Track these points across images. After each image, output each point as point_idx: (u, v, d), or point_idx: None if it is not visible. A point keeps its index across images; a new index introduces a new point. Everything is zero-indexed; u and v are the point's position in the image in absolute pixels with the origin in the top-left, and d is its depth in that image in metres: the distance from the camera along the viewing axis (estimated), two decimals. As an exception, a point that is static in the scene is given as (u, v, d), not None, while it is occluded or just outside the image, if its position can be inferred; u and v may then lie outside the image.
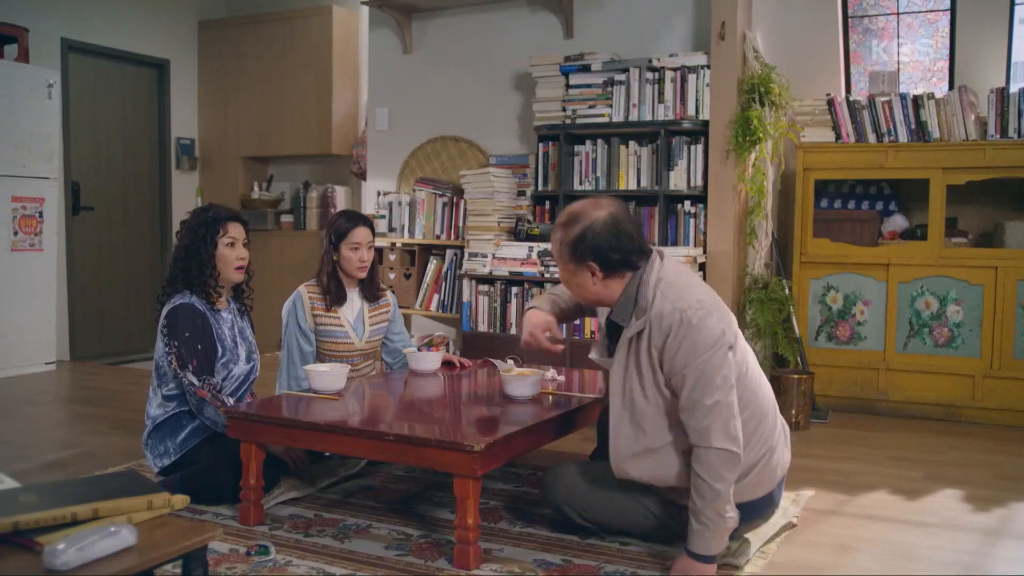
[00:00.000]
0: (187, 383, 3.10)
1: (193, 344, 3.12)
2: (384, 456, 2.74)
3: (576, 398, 3.17)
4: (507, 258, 4.61)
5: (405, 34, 5.36)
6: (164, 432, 3.22)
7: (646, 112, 4.53)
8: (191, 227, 3.27)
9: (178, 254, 3.25)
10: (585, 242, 2.55)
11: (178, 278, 3.22)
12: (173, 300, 3.21)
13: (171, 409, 3.21)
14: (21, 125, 5.60)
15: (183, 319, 3.14)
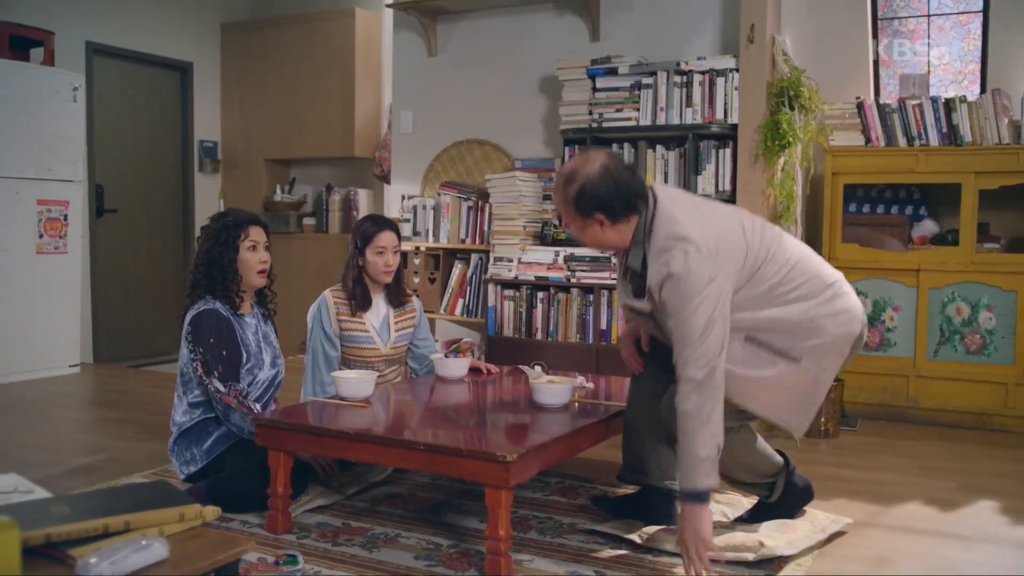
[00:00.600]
0: (213, 390, 3.08)
1: (218, 350, 3.10)
2: (414, 465, 2.71)
3: (605, 406, 3.13)
4: (533, 263, 4.58)
5: (430, 36, 5.33)
6: (190, 439, 3.20)
7: (674, 116, 4.48)
8: (212, 232, 3.25)
9: (200, 260, 3.23)
10: (586, 196, 2.63)
11: (201, 284, 3.20)
12: (196, 306, 3.19)
13: (197, 416, 3.19)
14: (46, 128, 5.61)
15: (207, 325, 3.12)
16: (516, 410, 3.12)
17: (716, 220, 2.67)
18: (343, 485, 3.32)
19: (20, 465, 3.75)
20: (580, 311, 4.49)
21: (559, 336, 4.54)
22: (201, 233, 3.29)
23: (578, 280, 4.48)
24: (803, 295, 2.73)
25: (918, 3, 5.02)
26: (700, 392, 2.52)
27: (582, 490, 3.41)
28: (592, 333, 4.46)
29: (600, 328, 4.44)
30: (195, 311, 3.17)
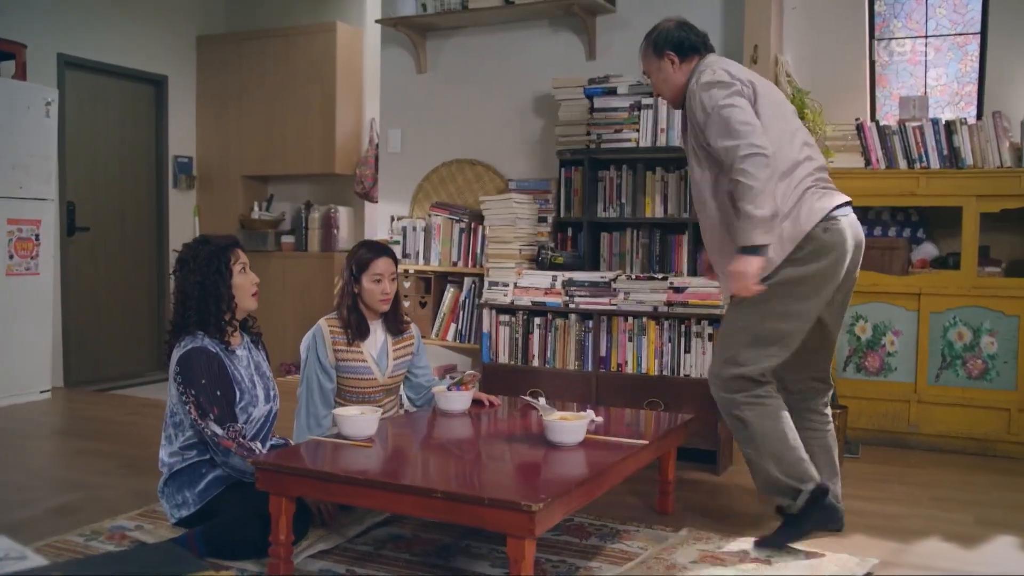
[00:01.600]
0: (210, 434, 2.90)
1: (211, 391, 2.92)
2: (430, 514, 2.56)
3: (624, 444, 3.01)
4: (529, 287, 4.45)
5: (419, 53, 5.19)
6: (181, 481, 3.02)
7: (675, 137, 4.38)
8: (202, 261, 3.04)
9: (190, 292, 3.02)
10: (660, 36, 3.28)
11: (191, 320, 3.01)
12: (183, 344, 3.00)
13: (191, 458, 3.01)
14: (18, 145, 5.39)
15: (198, 365, 2.93)
16: (529, 449, 2.97)
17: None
18: (343, 527, 3.16)
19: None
20: (579, 337, 4.37)
21: (557, 363, 4.41)
22: (181, 265, 3.06)
23: (577, 306, 4.35)
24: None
25: (915, 24, 4.97)
26: (751, 163, 2.90)
27: (592, 529, 3.27)
28: (591, 360, 4.34)
29: (600, 355, 4.32)
30: (182, 350, 2.97)
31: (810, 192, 3.06)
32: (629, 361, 4.29)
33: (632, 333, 4.28)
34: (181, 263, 3.06)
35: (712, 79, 3.06)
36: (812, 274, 3.04)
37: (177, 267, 3.08)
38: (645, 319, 4.25)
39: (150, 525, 3.28)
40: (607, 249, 4.62)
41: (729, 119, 2.97)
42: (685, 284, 4.19)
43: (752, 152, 2.90)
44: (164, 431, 3.07)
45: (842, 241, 3.07)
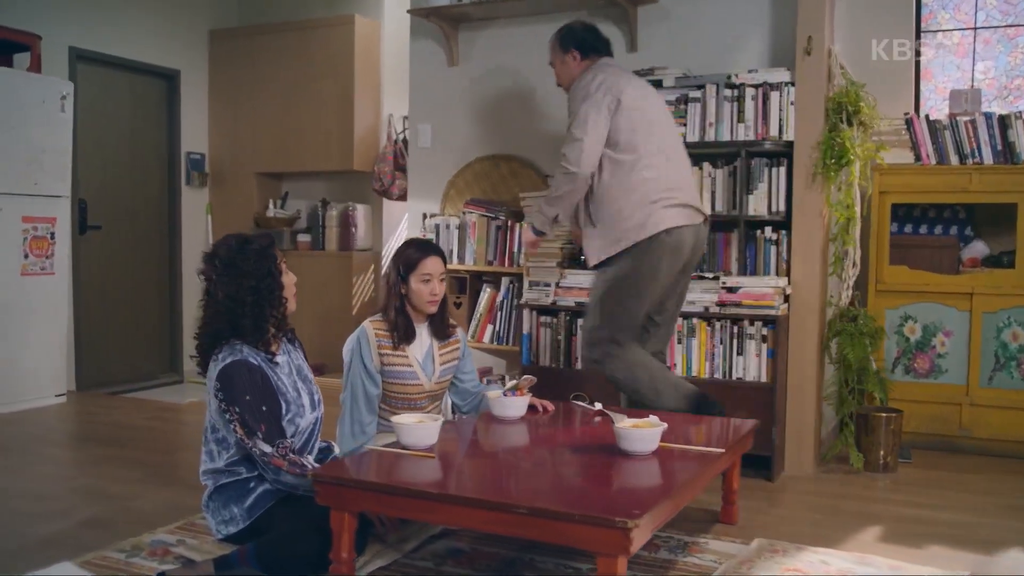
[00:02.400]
0: (259, 453, 2.70)
1: (257, 407, 2.72)
2: (510, 530, 2.40)
3: (702, 453, 2.85)
4: (573, 287, 4.28)
5: (451, 45, 5.02)
6: (228, 496, 2.83)
7: (724, 131, 4.22)
8: (251, 263, 2.82)
9: (242, 298, 2.79)
10: (568, 33, 3.83)
11: (244, 327, 2.79)
12: (222, 357, 2.78)
13: (236, 475, 2.82)
14: (33, 140, 5.19)
15: (239, 380, 2.73)
16: (602, 459, 2.81)
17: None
18: (400, 541, 3.00)
19: (21, 518, 3.38)
20: (625, 339, 4.20)
21: (603, 366, 4.25)
22: (228, 269, 2.80)
23: (623, 306, 4.19)
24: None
25: (964, 16, 4.82)
26: (567, 178, 3.58)
27: (659, 542, 3.12)
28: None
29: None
30: (220, 364, 2.76)
31: (655, 206, 3.57)
32: (679, 364, 4.13)
33: (681, 335, 4.12)
34: (227, 266, 2.81)
35: (587, 82, 3.63)
36: (647, 268, 3.60)
37: (219, 270, 2.81)
38: (695, 320, 4.10)
39: (193, 540, 3.10)
40: (651, 247, 4.45)
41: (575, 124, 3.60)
42: (738, 284, 4.03)
43: (566, 168, 3.59)
44: (204, 446, 2.88)
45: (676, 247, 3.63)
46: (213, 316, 2.79)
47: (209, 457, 2.84)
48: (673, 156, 3.71)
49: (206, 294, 2.83)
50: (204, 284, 2.85)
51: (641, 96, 3.68)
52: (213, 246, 2.88)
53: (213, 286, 2.80)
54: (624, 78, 3.69)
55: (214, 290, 2.80)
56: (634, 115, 3.59)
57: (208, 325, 2.80)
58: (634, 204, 3.57)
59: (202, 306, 2.86)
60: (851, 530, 3.34)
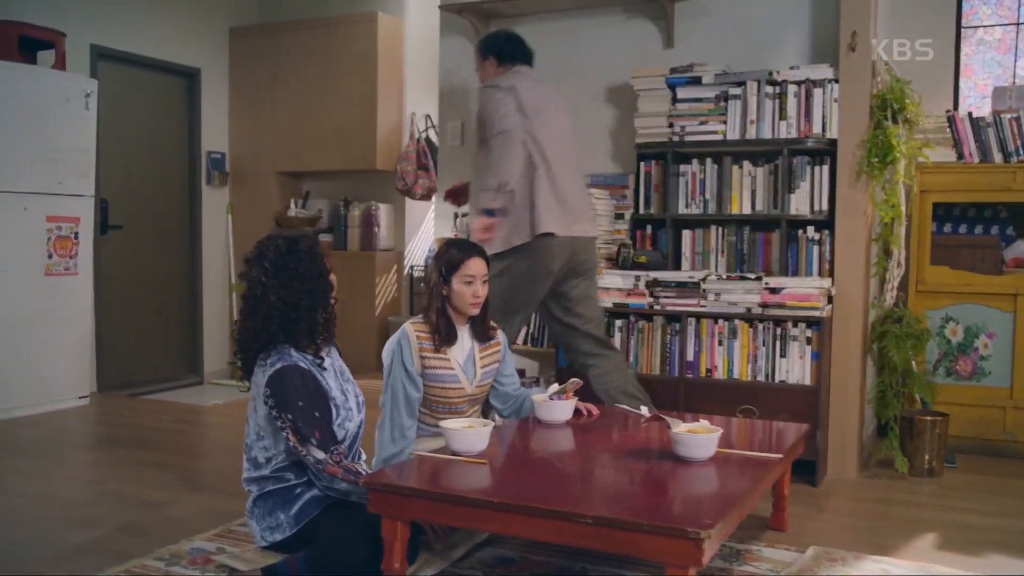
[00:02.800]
0: (313, 461, 2.60)
1: (310, 413, 2.62)
2: (573, 540, 2.31)
3: (761, 459, 2.77)
4: (610, 288, 4.20)
5: (482, 42, 4.93)
6: (274, 503, 2.74)
7: (765, 129, 4.14)
8: (304, 263, 2.74)
9: (293, 301, 2.70)
10: (488, 41, 4.03)
11: (286, 331, 2.70)
12: (271, 362, 2.68)
13: (283, 481, 2.73)
14: (57, 138, 5.13)
15: (291, 386, 2.63)
16: (659, 466, 2.73)
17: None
18: (447, 548, 2.92)
19: (54, 524, 3.31)
20: (664, 341, 4.12)
21: (640, 368, 4.17)
22: (279, 270, 2.70)
23: (662, 307, 4.11)
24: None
25: (1006, 11, 4.73)
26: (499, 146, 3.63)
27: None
28: (678, 365, 4.10)
29: (687, 359, 4.08)
30: (270, 369, 2.67)
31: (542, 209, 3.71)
32: (719, 366, 4.05)
33: (723, 336, 4.04)
34: (278, 268, 2.71)
35: (494, 84, 3.79)
36: (527, 269, 3.75)
37: (269, 273, 2.71)
38: (737, 321, 4.01)
39: (233, 548, 3.02)
40: (689, 247, 4.37)
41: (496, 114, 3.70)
42: (781, 285, 3.95)
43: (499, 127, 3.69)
44: (247, 453, 2.78)
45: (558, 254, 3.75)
46: (265, 320, 2.68)
47: (253, 464, 2.74)
48: (566, 169, 3.84)
49: (252, 298, 2.72)
50: (248, 287, 2.74)
51: (542, 107, 3.80)
52: (258, 247, 2.77)
53: (263, 289, 2.69)
54: (529, 87, 3.80)
55: (263, 293, 2.69)
56: (535, 124, 3.74)
57: (258, 329, 2.69)
58: (524, 206, 3.75)
59: (246, 310, 2.74)
60: (905, 537, 3.26)
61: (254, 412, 2.70)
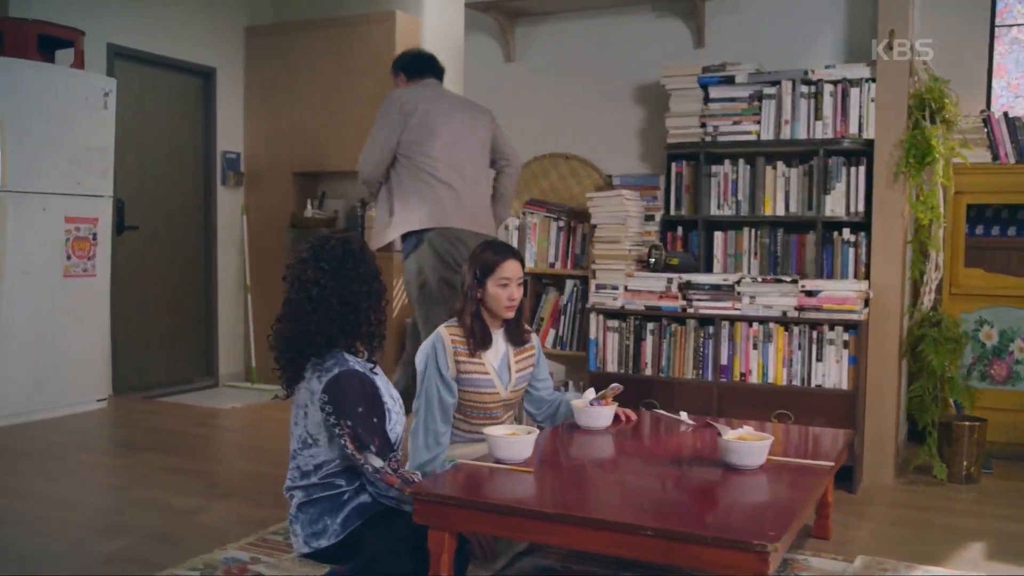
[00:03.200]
0: (371, 470, 2.52)
1: (369, 419, 2.53)
2: (633, 552, 2.24)
3: (813, 467, 2.70)
4: (642, 290, 4.13)
5: (508, 40, 4.86)
6: (322, 509, 2.65)
7: (800, 129, 4.07)
8: (367, 264, 2.66)
9: (355, 303, 2.61)
10: (399, 58, 4.33)
11: (346, 334, 2.62)
12: (328, 367, 2.58)
13: (333, 488, 2.65)
14: (76, 138, 5.06)
15: (351, 392, 2.53)
16: (711, 474, 2.66)
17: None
18: (489, 560, 2.85)
19: (82, 532, 3.25)
20: (697, 345, 4.05)
21: (672, 372, 4.10)
22: (340, 273, 2.61)
23: (696, 310, 4.04)
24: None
25: (1040, 10, 4.68)
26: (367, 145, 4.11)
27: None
28: (711, 369, 4.03)
29: (720, 363, 4.01)
30: (329, 374, 2.56)
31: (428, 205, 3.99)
32: (754, 370, 3.98)
33: (758, 340, 3.97)
34: (337, 269, 2.61)
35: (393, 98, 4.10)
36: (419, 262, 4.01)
37: (328, 274, 2.60)
38: (772, 325, 3.94)
39: (268, 557, 2.96)
40: (721, 249, 4.31)
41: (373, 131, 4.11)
42: (818, 287, 3.88)
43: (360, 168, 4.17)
44: (293, 459, 2.69)
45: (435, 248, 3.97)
46: (324, 322, 2.58)
47: (301, 473, 2.65)
48: (464, 174, 4.10)
49: (307, 299, 2.61)
50: (301, 289, 2.63)
51: (438, 115, 4.08)
52: (313, 248, 2.66)
53: (320, 290, 2.59)
54: (429, 97, 4.12)
55: (321, 295, 2.58)
56: (422, 130, 4.03)
57: (314, 332, 2.58)
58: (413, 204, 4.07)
59: (298, 312, 2.62)
60: (952, 546, 3.19)
61: (303, 419, 2.61)
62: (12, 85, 4.74)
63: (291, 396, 2.70)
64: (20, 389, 4.90)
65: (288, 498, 2.71)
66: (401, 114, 4.05)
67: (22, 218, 4.84)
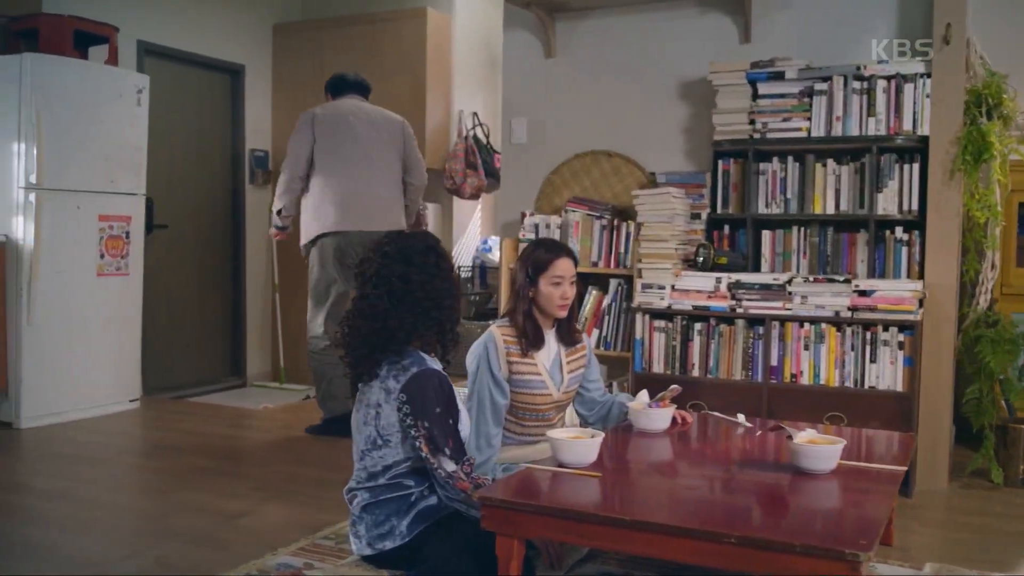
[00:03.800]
0: (443, 474, 2.44)
1: (445, 421, 2.47)
2: (711, 561, 2.15)
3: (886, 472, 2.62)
4: (690, 290, 4.06)
5: (548, 36, 4.79)
6: (390, 510, 2.57)
7: (852, 126, 3.99)
8: (447, 261, 2.62)
9: (440, 301, 2.55)
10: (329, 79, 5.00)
11: (440, 329, 2.57)
12: (405, 365, 2.51)
13: (402, 489, 2.58)
14: (110, 135, 5.01)
15: (431, 392, 2.47)
16: (782, 479, 2.57)
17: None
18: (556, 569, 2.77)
19: (130, 536, 3.20)
20: (746, 345, 3.98)
21: (720, 373, 4.03)
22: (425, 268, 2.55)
23: (745, 310, 3.96)
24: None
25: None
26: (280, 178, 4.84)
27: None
28: (761, 370, 3.95)
29: (770, 364, 3.93)
30: (406, 373, 2.49)
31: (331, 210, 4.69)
32: (805, 371, 3.90)
33: (809, 341, 3.89)
34: (422, 265, 2.55)
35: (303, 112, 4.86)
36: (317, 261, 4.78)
37: (417, 269, 2.54)
38: (824, 325, 3.86)
39: (321, 563, 2.90)
40: (769, 248, 4.23)
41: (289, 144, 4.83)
42: (873, 287, 3.80)
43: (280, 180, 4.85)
44: (360, 460, 2.62)
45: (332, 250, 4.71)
46: (412, 318, 2.51)
47: (368, 474, 2.57)
48: (363, 176, 4.73)
49: (389, 294, 2.53)
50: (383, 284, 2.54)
51: (346, 126, 4.78)
52: (398, 243, 2.58)
53: (407, 285, 2.52)
54: (340, 111, 4.83)
55: (408, 290, 2.52)
56: (328, 140, 4.73)
57: (395, 328, 2.50)
58: (315, 205, 4.74)
59: (380, 308, 2.53)
60: (1016, 552, 3.13)
61: (375, 419, 2.53)
62: (48, 81, 4.69)
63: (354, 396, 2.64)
64: (54, 389, 4.86)
65: (348, 500, 2.65)
66: (310, 126, 4.76)
67: (56, 216, 4.79)
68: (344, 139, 4.73)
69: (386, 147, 4.83)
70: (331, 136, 4.72)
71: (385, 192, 4.79)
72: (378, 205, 4.75)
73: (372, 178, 4.75)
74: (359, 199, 4.69)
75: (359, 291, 2.59)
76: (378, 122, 4.87)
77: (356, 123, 4.79)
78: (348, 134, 4.75)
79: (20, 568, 2.88)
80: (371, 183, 4.74)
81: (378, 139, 4.82)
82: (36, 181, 4.68)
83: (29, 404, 4.74)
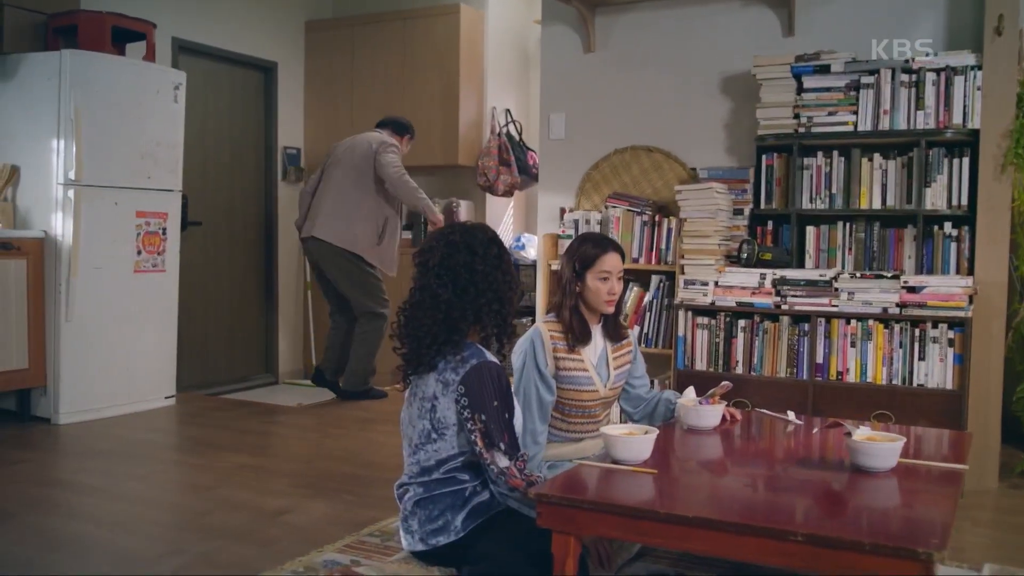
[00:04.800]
0: (496, 471, 2.40)
1: (501, 415, 2.42)
2: (776, 559, 2.11)
3: (948, 470, 2.56)
4: (733, 286, 4.00)
5: (588, 31, 4.75)
6: (445, 505, 2.52)
7: (900, 120, 3.93)
8: (507, 253, 2.57)
9: (501, 291, 2.49)
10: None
11: (501, 322, 2.53)
12: (463, 357, 2.46)
13: (457, 483, 2.54)
14: (147, 131, 5.01)
15: (490, 385, 2.42)
16: (843, 477, 2.52)
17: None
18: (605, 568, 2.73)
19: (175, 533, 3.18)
20: (791, 342, 3.92)
21: (764, 370, 3.97)
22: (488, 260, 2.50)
23: (790, 307, 3.91)
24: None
25: None
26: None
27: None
28: (806, 367, 3.89)
29: (816, 361, 3.87)
30: (465, 365, 2.44)
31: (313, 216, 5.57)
32: (852, 369, 3.84)
33: (855, 338, 3.82)
34: (487, 257, 2.50)
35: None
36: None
37: (483, 260, 2.50)
38: (871, 322, 3.80)
39: (368, 560, 2.87)
40: (813, 244, 4.17)
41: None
42: (922, 283, 3.73)
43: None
44: (414, 454, 2.58)
45: (310, 253, 5.72)
46: (470, 309, 2.47)
47: (420, 468, 2.54)
48: (332, 190, 5.55)
49: (453, 283, 2.48)
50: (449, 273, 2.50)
51: (337, 151, 5.68)
52: (462, 234, 2.53)
53: (472, 276, 2.48)
54: (343, 143, 5.72)
55: (471, 280, 2.47)
56: (329, 159, 5.69)
57: (457, 318, 2.46)
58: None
59: (437, 300, 2.50)
60: (1075, 554, 3.04)
61: (430, 412, 2.49)
62: (87, 78, 4.70)
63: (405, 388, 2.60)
64: (92, 385, 4.86)
65: (399, 495, 2.61)
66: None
67: (96, 212, 4.80)
68: (329, 159, 5.71)
69: (348, 167, 5.53)
70: (331, 156, 5.74)
71: (338, 205, 5.52)
72: (327, 213, 5.51)
73: (331, 192, 5.55)
74: (315, 209, 5.62)
75: (418, 281, 2.54)
76: (357, 145, 5.58)
77: (339, 147, 5.67)
78: (333, 159, 5.66)
79: (65, 564, 2.87)
80: (327, 196, 5.55)
81: (346, 159, 5.55)
82: (75, 177, 4.68)
83: (67, 400, 4.75)
